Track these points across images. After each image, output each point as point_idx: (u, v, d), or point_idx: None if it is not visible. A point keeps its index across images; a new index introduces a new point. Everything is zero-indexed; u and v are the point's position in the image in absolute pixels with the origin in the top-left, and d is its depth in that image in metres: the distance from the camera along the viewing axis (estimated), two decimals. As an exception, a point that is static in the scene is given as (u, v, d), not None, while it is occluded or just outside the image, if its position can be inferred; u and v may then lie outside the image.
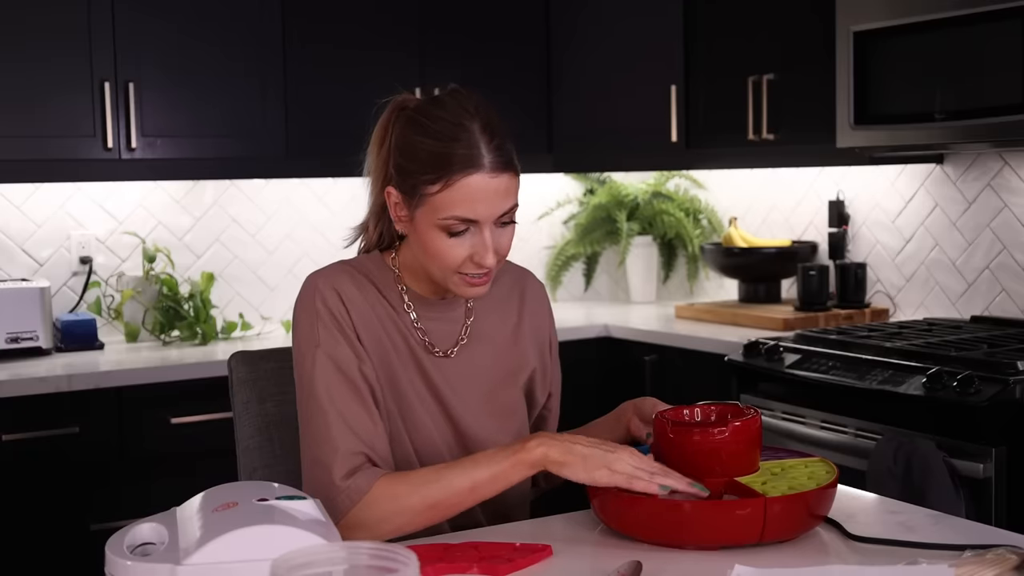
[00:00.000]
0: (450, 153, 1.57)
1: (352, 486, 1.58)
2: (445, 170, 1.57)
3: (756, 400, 2.90)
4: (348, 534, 1.56)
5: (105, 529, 2.61)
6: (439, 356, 1.71)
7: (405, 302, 1.71)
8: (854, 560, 1.43)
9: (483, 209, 1.59)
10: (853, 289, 3.42)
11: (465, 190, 1.57)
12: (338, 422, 1.61)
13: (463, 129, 1.59)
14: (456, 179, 1.57)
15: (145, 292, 3.45)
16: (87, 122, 3.14)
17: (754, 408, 1.60)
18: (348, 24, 3.50)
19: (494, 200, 1.59)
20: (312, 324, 1.65)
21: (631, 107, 3.75)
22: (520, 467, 1.56)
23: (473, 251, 1.61)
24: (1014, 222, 3.11)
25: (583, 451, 1.53)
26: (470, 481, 1.56)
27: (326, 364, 1.63)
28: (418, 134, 1.62)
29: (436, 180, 1.58)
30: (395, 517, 1.56)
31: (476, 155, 1.57)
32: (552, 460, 1.54)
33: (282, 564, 0.95)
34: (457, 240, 1.60)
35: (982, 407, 2.38)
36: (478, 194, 1.58)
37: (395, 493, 1.57)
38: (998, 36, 2.62)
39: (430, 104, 1.65)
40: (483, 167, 1.58)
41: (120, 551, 1.23)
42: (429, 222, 1.61)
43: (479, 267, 1.62)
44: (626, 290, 4.18)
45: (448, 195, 1.58)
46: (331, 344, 1.64)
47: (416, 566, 0.95)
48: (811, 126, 3.18)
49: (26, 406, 2.81)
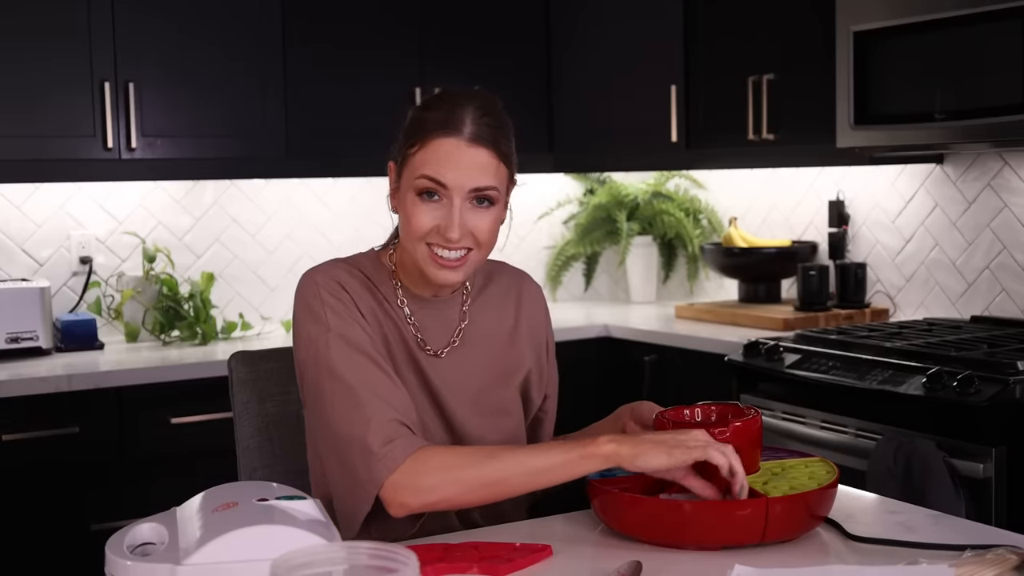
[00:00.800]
0: (430, 117, 1.63)
1: (390, 453, 1.54)
2: (424, 131, 1.63)
3: (756, 400, 2.90)
4: (391, 495, 1.53)
5: (105, 529, 2.61)
6: (430, 355, 1.72)
7: (399, 297, 1.72)
8: (854, 560, 1.43)
9: (451, 175, 1.61)
10: (853, 289, 3.42)
11: (439, 150, 1.62)
12: (368, 394, 1.59)
13: (456, 104, 1.64)
14: (431, 139, 1.62)
15: (145, 292, 3.45)
16: (87, 122, 3.14)
17: (754, 408, 1.60)
18: (348, 24, 3.50)
19: (466, 169, 1.62)
20: (318, 312, 1.65)
21: (631, 107, 3.74)
22: (590, 460, 1.51)
23: (438, 222, 1.62)
24: (1014, 222, 3.11)
25: (654, 438, 1.50)
26: (534, 465, 1.53)
27: (341, 345, 1.62)
28: (416, 108, 1.69)
29: (416, 140, 1.63)
30: (447, 487, 1.53)
31: (456, 121, 1.62)
32: (624, 455, 1.48)
33: (282, 564, 0.95)
34: (427, 207, 1.63)
35: (982, 407, 2.38)
36: (449, 157, 1.61)
37: (448, 464, 1.54)
38: (998, 36, 2.62)
39: (448, 87, 1.72)
40: (460, 133, 1.62)
41: (120, 551, 1.23)
42: (408, 185, 1.65)
43: (444, 240, 1.62)
44: (626, 290, 4.18)
45: (423, 154, 1.62)
46: (342, 326, 1.64)
47: (416, 566, 0.95)
48: (811, 126, 3.18)
49: (26, 406, 2.81)
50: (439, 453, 1.56)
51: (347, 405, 1.59)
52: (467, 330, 1.76)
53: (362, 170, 3.58)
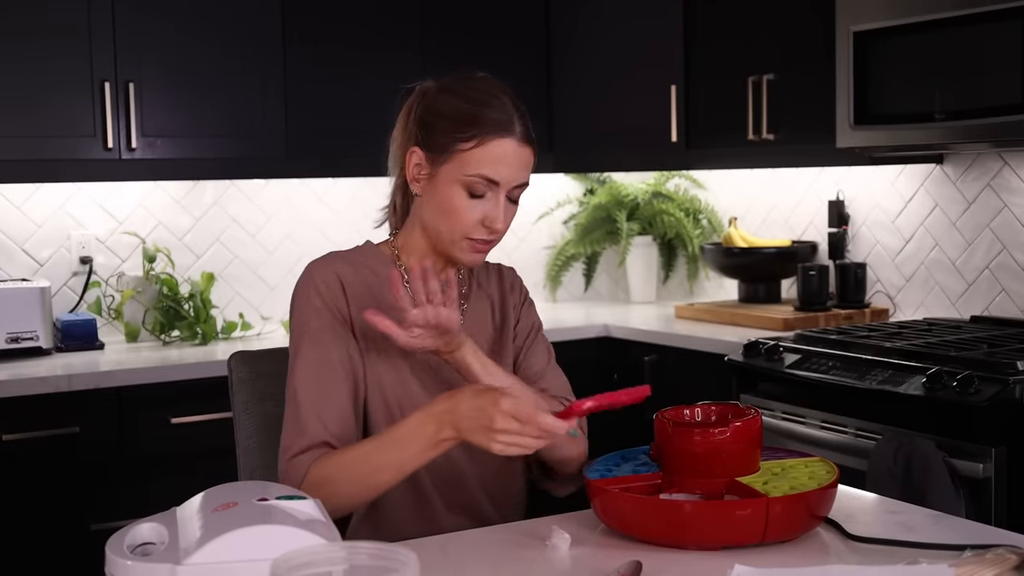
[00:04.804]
0: (486, 115, 1.67)
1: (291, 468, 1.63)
2: (481, 128, 1.66)
3: (756, 400, 2.90)
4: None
5: (105, 529, 2.60)
6: None
7: (404, 279, 1.75)
8: (854, 560, 1.44)
9: (507, 173, 1.67)
10: (853, 289, 3.42)
11: (497, 151, 1.66)
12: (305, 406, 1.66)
13: (496, 97, 1.69)
14: (490, 139, 1.66)
15: (145, 292, 3.44)
16: (87, 122, 3.14)
17: (754, 408, 1.60)
18: (349, 23, 3.50)
19: (517, 168, 1.68)
20: (304, 311, 1.71)
21: (631, 107, 3.75)
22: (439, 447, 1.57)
23: (486, 215, 1.68)
24: (1014, 222, 3.11)
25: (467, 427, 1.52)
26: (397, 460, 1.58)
27: (309, 349, 1.68)
28: (452, 97, 1.70)
29: (471, 137, 1.66)
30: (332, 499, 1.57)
31: (510, 121, 1.67)
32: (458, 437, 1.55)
33: (282, 564, 0.95)
34: (474, 202, 1.67)
35: (982, 407, 2.38)
36: (507, 158, 1.66)
37: (327, 478, 1.60)
38: (998, 36, 2.62)
39: (460, 77, 1.74)
40: (515, 134, 1.67)
41: (120, 551, 1.23)
42: (453, 178, 1.67)
43: (490, 232, 1.69)
44: (626, 290, 4.18)
45: (480, 153, 1.66)
46: (318, 330, 1.69)
47: (416, 566, 0.95)
48: (811, 126, 3.18)
49: (26, 406, 2.81)
50: (323, 465, 1.62)
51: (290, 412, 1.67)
52: (467, 311, 1.81)
53: (362, 170, 3.58)
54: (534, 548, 1.51)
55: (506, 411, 1.48)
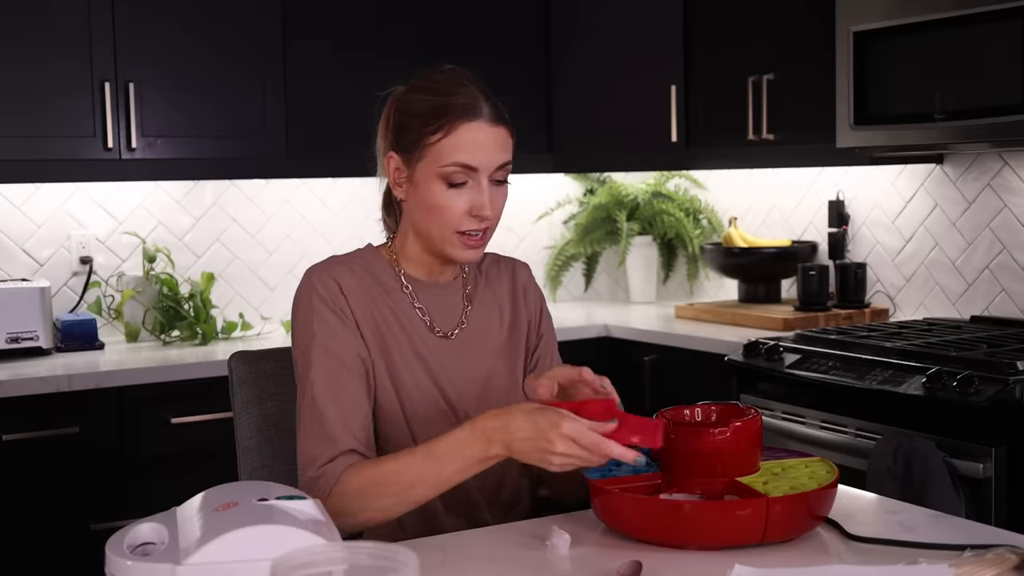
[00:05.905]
0: (450, 103, 1.65)
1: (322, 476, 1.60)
2: (446, 117, 1.64)
3: (756, 400, 2.90)
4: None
5: (105, 529, 2.61)
6: (440, 336, 1.75)
7: (403, 284, 1.74)
8: (854, 560, 1.44)
9: (483, 156, 1.65)
10: (853, 289, 3.42)
11: (467, 135, 1.64)
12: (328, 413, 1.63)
13: (461, 85, 1.67)
14: (457, 125, 1.64)
15: (145, 292, 3.44)
16: (87, 122, 3.14)
17: (754, 408, 1.60)
18: (348, 23, 3.50)
19: (493, 150, 1.66)
20: (308, 318, 1.69)
21: (631, 107, 3.75)
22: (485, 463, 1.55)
23: (471, 203, 1.65)
24: (1014, 222, 3.11)
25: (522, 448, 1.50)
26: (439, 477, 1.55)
27: (321, 356, 1.66)
28: (420, 94, 1.70)
29: (438, 129, 1.64)
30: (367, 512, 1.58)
31: (476, 104, 1.65)
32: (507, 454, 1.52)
33: (282, 564, 0.95)
34: (456, 192, 1.65)
35: (982, 407, 2.38)
36: (478, 141, 1.64)
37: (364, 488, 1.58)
38: (998, 36, 2.62)
39: (427, 73, 1.74)
40: (483, 115, 1.65)
41: (120, 551, 1.23)
42: (430, 174, 1.66)
43: (479, 220, 1.66)
44: (626, 290, 4.18)
45: (449, 142, 1.64)
46: (326, 334, 1.67)
47: (416, 566, 0.95)
48: (811, 126, 3.18)
49: (26, 406, 2.81)
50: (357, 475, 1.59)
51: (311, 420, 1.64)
52: (472, 313, 1.79)
53: (362, 170, 3.55)
54: (534, 548, 1.51)
55: (566, 435, 1.45)
